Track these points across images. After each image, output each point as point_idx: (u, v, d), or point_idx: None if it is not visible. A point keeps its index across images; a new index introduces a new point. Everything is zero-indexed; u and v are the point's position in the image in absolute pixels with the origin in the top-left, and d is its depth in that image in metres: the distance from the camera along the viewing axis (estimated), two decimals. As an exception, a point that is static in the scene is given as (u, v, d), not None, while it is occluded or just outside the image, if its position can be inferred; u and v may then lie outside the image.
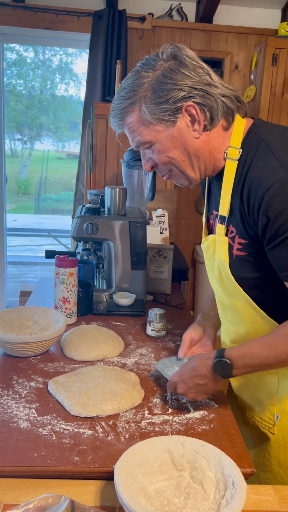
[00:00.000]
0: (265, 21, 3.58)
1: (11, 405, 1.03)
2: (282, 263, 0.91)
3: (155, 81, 0.94)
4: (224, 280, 1.04)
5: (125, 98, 0.97)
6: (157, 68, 0.94)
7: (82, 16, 3.34)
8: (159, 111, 0.94)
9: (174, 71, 0.93)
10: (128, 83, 0.98)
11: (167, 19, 3.47)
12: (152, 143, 0.99)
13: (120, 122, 1.01)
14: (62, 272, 1.45)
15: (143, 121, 0.97)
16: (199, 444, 0.83)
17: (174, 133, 0.96)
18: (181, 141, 0.97)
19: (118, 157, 2.73)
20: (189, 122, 0.96)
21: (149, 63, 0.96)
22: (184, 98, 0.93)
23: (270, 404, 1.09)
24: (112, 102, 1.02)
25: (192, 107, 0.94)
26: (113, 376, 1.13)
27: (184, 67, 0.93)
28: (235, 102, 0.98)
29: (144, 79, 0.95)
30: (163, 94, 0.93)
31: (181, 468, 0.82)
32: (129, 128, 1.00)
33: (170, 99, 0.93)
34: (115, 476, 0.75)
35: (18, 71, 9.39)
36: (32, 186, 11.23)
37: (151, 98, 0.94)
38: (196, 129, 0.96)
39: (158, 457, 0.82)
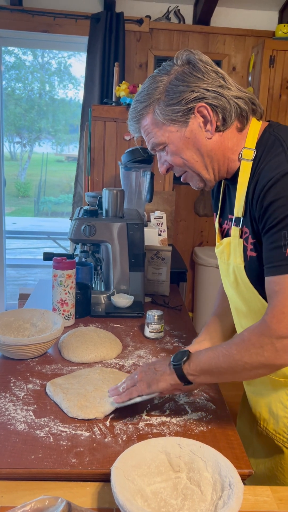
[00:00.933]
0: (262, 23, 3.59)
1: (9, 407, 1.03)
2: (265, 255, 0.91)
3: (168, 84, 0.97)
4: (240, 284, 1.03)
5: (141, 101, 1.01)
6: (171, 73, 0.98)
7: (80, 19, 3.35)
8: (171, 112, 0.97)
9: (187, 74, 0.96)
10: (144, 87, 1.01)
11: (165, 22, 3.48)
12: (166, 144, 1.01)
13: (136, 125, 1.04)
14: (60, 274, 1.45)
15: (156, 123, 1.00)
16: (196, 445, 0.83)
17: (186, 133, 0.98)
18: (194, 142, 0.98)
19: (116, 159, 2.73)
20: (202, 123, 0.97)
21: (164, 68, 0.99)
22: (196, 99, 0.95)
23: (285, 417, 1.06)
24: (130, 106, 1.06)
25: (204, 107, 0.95)
26: (112, 379, 1.13)
27: (197, 71, 0.96)
28: (250, 105, 0.99)
29: (158, 83, 0.98)
30: (176, 96, 0.96)
31: (178, 469, 0.82)
32: (145, 130, 1.03)
33: (182, 100, 0.95)
34: (112, 478, 0.75)
35: (17, 74, 9.41)
36: (31, 189, 11.25)
37: (164, 100, 0.97)
38: (209, 129, 0.97)
39: (155, 458, 0.82)
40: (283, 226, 0.86)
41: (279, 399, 1.07)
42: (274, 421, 1.09)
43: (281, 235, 0.86)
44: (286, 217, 0.85)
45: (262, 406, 1.12)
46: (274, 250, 0.87)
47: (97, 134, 2.75)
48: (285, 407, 1.06)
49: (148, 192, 2.27)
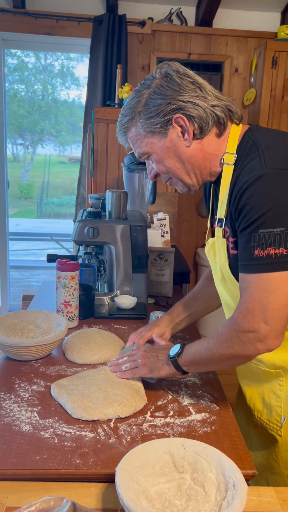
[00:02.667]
0: (265, 24, 3.60)
1: (13, 408, 1.04)
2: (239, 253, 0.97)
3: (147, 97, 1.03)
4: (227, 281, 1.08)
5: (125, 115, 1.07)
6: (151, 86, 1.03)
7: (83, 21, 3.36)
8: (151, 124, 1.03)
9: (164, 87, 1.01)
10: (128, 101, 1.08)
11: (167, 24, 3.49)
12: (150, 154, 1.07)
13: (123, 136, 1.11)
14: (64, 275, 1.46)
15: (139, 135, 1.06)
16: (200, 446, 0.83)
17: (167, 143, 1.04)
18: (174, 150, 1.04)
19: (119, 161, 2.74)
20: (180, 132, 1.02)
21: (145, 83, 1.05)
22: (173, 111, 1.00)
23: (277, 406, 1.10)
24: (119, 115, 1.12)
25: (181, 118, 1.00)
26: (117, 380, 1.13)
27: (173, 83, 1.00)
28: (226, 111, 1.03)
29: (140, 97, 1.04)
30: (154, 109, 1.02)
31: (182, 470, 0.82)
32: (131, 141, 1.10)
33: (160, 113, 1.01)
34: (116, 478, 0.75)
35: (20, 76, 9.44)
36: (34, 191, 11.27)
37: (144, 114, 1.03)
38: (187, 138, 1.02)
39: (159, 459, 0.83)
40: (254, 228, 0.91)
41: (271, 389, 1.11)
42: (268, 411, 1.13)
43: (251, 236, 0.92)
44: (257, 219, 0.90)
45: (256, 397, 1.16)
46: (245, 250, 0.93)
47: (100, 136, 2.76)
48: (277, 397, 1.10)
49: (151, 193, 2.27)
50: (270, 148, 0.95)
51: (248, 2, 3.47)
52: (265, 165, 0.91)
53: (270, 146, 0.96)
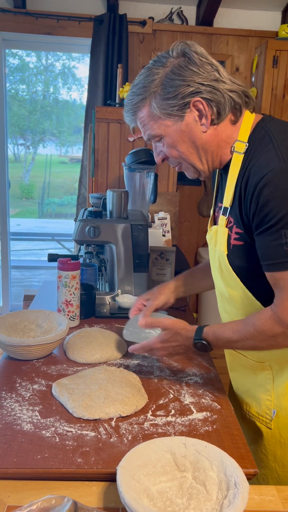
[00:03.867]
0: (265, 23, 3.59)
1: (15, 407, 1.04)
2: (263, 251, 0.95)
3: (164, 77, 0.98)
4: (224, 270, 1.07)
5: (137, 94, 1.01)
6: (167, 65, 0.98)
7: (83, 21, 3.36)
8: (167, 106, 0.98)
9: (182, 68, 0.97)
10: (140, 79, 1.02)
11: (168, 23, 3.48)
12: (162, 137, 1.03)
13: (132, 116, 1.06)
14: (65, 275, 1.46)
15: (153, 116, 1.01)
16: (201, 444, 0.83)
17: (182, 127, 1.00)
18: (189, 135, 1.01)
19: (120, 160, 2.74)
20: (197, 116, 0.99)
21: (160, 60, 1.00)
22: (192, 94, 0.97)
23: (267, 399, 1.10)
24: (126, 97, 1.07)
25: (200, 102, 0.97)
26: (118, 379, 1.13)
27: (192, 64, 0.96)
28: (243, 97, 1.01)
29: (155, 76, 0.99)
30: (172, 90, 0.97)
31: (184, 469, 0.82)
32: (141, 122, 1.05)
33: (178, 95, 0.97)
34: (118, 477, 0.75)
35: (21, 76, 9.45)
36: (35, 191, 11.27)
37: (161, 94, 0.98)
38: (204, 123, 0.99)
39: (160, 458, 0.83)
40: (283, 225, 0.90)
41: (260, 383, 1.12)
42: (257, 404, 1.13)
43: (281, 233, 0.90)
44: (284, 216, 0.89)
45: (244, 391, 1.17)
46: (276, 247, 0.91)
47: (101, 136, 2.76)
48: (266, 390, 1.11)
49: (152, 193, 2.28)
50: (285, 143, 0.94)
51: (249, 1, 3.47)
52: (283, 160, 0.90)
53: (285, 141, 0.94)
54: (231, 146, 1.02)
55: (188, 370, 1.24)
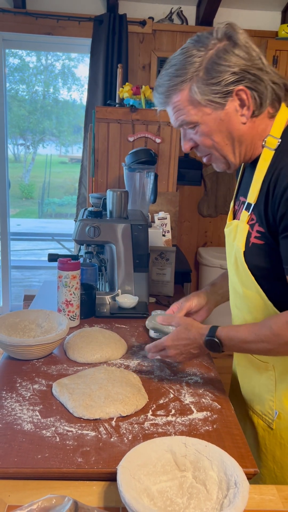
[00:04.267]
0: (265, 23, 3.60)
1: (15, 407, 1.04)
2: (287, 255, 0.93)
3: (208, 60, 0.91)
4: (239, 267, 1.05)
5: (175, 75, 0.94)
6: (210, 47, 0.92)
7: (83, 21, 3.36)
8: (210, 92, 0.92)
9: (228, 52, 0.91)
10: (178, 59, 0.94)
11: (168, 23, 3.49)
12: (197, 124, 0.97)
13: (166, 99, 0.98)
14: (65, 275, 1.46)
15: (191, 101, 0.94)
16: (201, 444, 0.83)
17: (222, 116, 0.95)
18: (227, 125, 0.96)
19: (120, 160, 2.74)
20: (238, 106, 0.94)
21: (201, 41, 0.93)
22: (236, 82, 0.91)
23: (270, 399, 1.10)
24: (160, 76, 0.98)
25: (243, 91, 0.92)
26: (118, 379, 1.13)
27: (238, 49, 0.91)
28: (283, 90, 0.96)
29: (196, 58, 0.92)
30: (216, 75, 0.91)
31: (184, 468, 0.82)
32: (175, 106, 0.97)
33: (222, 81, 0.91)
34: (118, 477, 0.75)
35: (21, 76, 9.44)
36: (35, 191, 11.27)
37: (203, 78, 0.92)
38: (244, 114, 0.95)
39: (161, 457, 0.83)
40: None
41: (263, 382, 1.11)
42: (260, 402, 1.13)
43: None
44: None
45: (250, 388, 1.17)
46: None
47: (101, 136, 2.76)
48: (269, 390, 1.10)
49: (152, 193, 2.28)
50: None
51: (249, 1, 3.47)
52: None
53: None
54: (262, 140, 0.98)
55: (188, 370, 1.24)
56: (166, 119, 2.68)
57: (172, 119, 1.00)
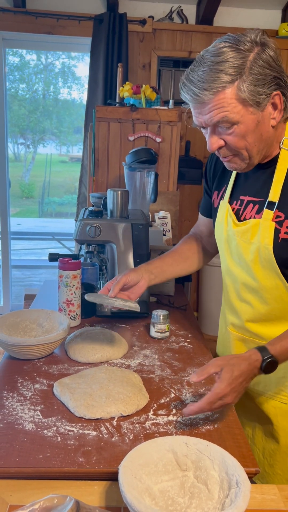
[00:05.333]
0: (265, 22, 3.59)
1: (16, 407, 1.04)
2: None
3: (254, 62, 0.94)
4: (261, 262, 1.09)
5: (226, 72, 0.93)
6: (253, 50, 0.95)
7: (83, 20, 3.36)
8: (256, 93, 0.95)
9: (270, 58, 0.95)
10: (226, 57, 0.94)
11: (168, 22, 3.48)
12: (237, 123, 0.98)
13: (210, 95, 0.95)
14: (66, 274, 1.46)
15: (238, 99, 0.95)
16: (203, 444, 0.83)
17: (259, 117, 0.98)
18: (261, 127, 1.00)
19: (120, 159, 2.74)
20: (272, 109, 0.99)
21: (243, 41, 0.95)
22: (275, 86, 0.96)
23: (283, 377, 1.14)
24: (195, 72, 0.96)
25: (279, 96, 0.98)
26: (119, 378, 1.13)
27: (274, 56, 0.96)
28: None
29: (244, 58, 0.94)
30: (261, 78, 0.95)
31: (185, 468, 0.82)
32: (218, 103, 0.96)
33: (266, 84, 0.95)
34: (120, 476, 0.75)
35: (21, 75, 9.44)
36: (35, 190, 11.27)
37: (250, 79, 0.94)
38: (275, 117, 1.00)
39: (162, 457, 0.83)
40: None
41: None
42: (269, 381, 1.16)
43: None
44: None
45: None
46: None
47: (101, 135, 2.76)
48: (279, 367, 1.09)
49: (152, 192, 2.28)
50: None
51: (249, 0, 3.47)
52: None
53: None
54: (279, 141, 1.06)
55: (189, 369, 1.25)
56: (166, 118, 2.68)
57: (207, 117, 0.98)
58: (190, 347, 1.38)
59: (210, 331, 3.43)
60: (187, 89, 0.97)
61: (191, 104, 1.00)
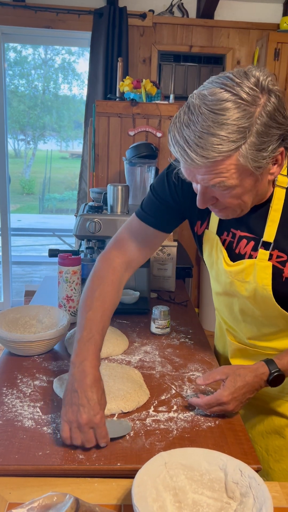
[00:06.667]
0: (267, 15, 3.56)
1: (16, 404, 1.03)
2: None
3: (259, 121, 0.79)
4: (259, 300, 1.04)
5: (228, 139, 0.78)
6: (258, 103, 0.79)
7: (83, 14, 3.33)
8: (260, 158, 0.81)
9: (276, 112, 0.80)
10: (228, 117, 0.78)
11: (168, 16, 3.46)
12: (233, 188, 0.86)
13: (208, 163, 0.81)
14: (66, 270, 1.45)
15: (239, 167, 0.82)
16: (256, 480, 0.76)
17: (258, 178, 0.86)
18: (258, 185, 0.89)
19: (121, 154, 2.72)
20: (271, 165, 0.86)
21: (245, 94, 0.78)
22: (280, 143, 0.83)
23: None
24: (190, 128, 0.80)
25: (281, 153, 0.85)
26: (119, 374, 1.12)
27: (281, 106, 0.81)
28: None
29: (250, 119, 0.79)
30: (267, 140, 0.80)
31: (232, 496, 0.77)
32: (216, 169, 0.82)
33: (271, 146, 0.81)
34: (150, 460, 0.75)
35: (20, 71, 9.40)
36: (36, 186, 11.26)
37: (255, 143, 0.80)
38: (274, 172, 0.88)
39: (212, 471, 0.79)
40: None
41: None
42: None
43: None
44: None
45: None
46: None
47: (101, 130, 2.74)
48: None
49: (153, 187, 2.26)
50: None
51: (250, -7, 3.44)
52: None
53: None
54: (273, 181, 0.96)
55: (190, 365, 1.24)
56: (166, 113, 2.66)
57: (200, 178, 0.85)
58: (191, 343, 1.37)
59: (211, 327, 3.42)
60: (180, 149, 0.82)
61: (182, 164, 0.86)
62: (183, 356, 1.28)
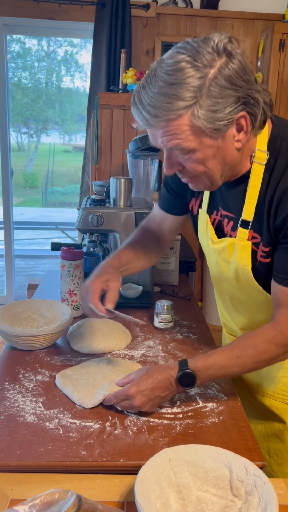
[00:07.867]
0: (272, 6, 3.51)
1: (18, 399, 1.02)
2: (282, 265, 0.94)
3: (213, 83, 0.80)
4: (242, 281, 1.03)
5: (178, 97, 0.80)
6: (213, 65, 0.80)
7: (86, 5, 3.29)
8: (215, 120, 0.82)
9: (234, 74, 0.80)
10: (179, 77, 0.79)
11: (172, 6, 3.41)
12: (193, 151, 0.86)
13: (162, 123, 0.83)
14: (68, 264, 1.44)
15: (193, 127, 0.83)
16: (262, 479, 0.75)
17: (220, 143, 0.86)
18: (222, 152, 0.88)
19: (124, 147, 2.70)
20: (236, 131, 0.86)
21: (198, 55, 0.79)
22: (241, 107, 0.83)
23: (283, 377, 1.12)
24: (146, 92, 0.83)
25: (244, 117, 0.84)
26: (122, 369, 1.12)
27: (241, 69, 0.81)
28: (271, 108, 0.90)
29: (196, 78, 0.79)
30: (222, 101, 0.81)
31: (237, 494, 0.76)
32: (171, 130, 0.84)
33: (227, 108, 0.81)
34: (155, 455, 0.74)
35: (23, 63, 9.36)
36: (39, 180, 11.24)
37: (208, 104, 0.81)
38: (240, 139, 0.87)
39: (217, 468, 0.78)
40: None
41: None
42: (271, 383, 1.14)
43: None
44: None
45: (254, 372, 1.14)
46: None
47: (104, 122, 2.72)
48: (282, 368, 1.12)
49: (156, 180, 2.24)
50: None
51: (255, -17, 3.39)
52: None
53: None
54: (250, 155, 0.93)
55: (193, 360, 1.23)
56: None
57: (160, 141, 0.87)
58: (195, 338, 1.36)
59: (215, 321, 3.41)
60: (137, 111, 0.85)
61: (141, 126, 0.89)
62: (186, 351, 1.27)
